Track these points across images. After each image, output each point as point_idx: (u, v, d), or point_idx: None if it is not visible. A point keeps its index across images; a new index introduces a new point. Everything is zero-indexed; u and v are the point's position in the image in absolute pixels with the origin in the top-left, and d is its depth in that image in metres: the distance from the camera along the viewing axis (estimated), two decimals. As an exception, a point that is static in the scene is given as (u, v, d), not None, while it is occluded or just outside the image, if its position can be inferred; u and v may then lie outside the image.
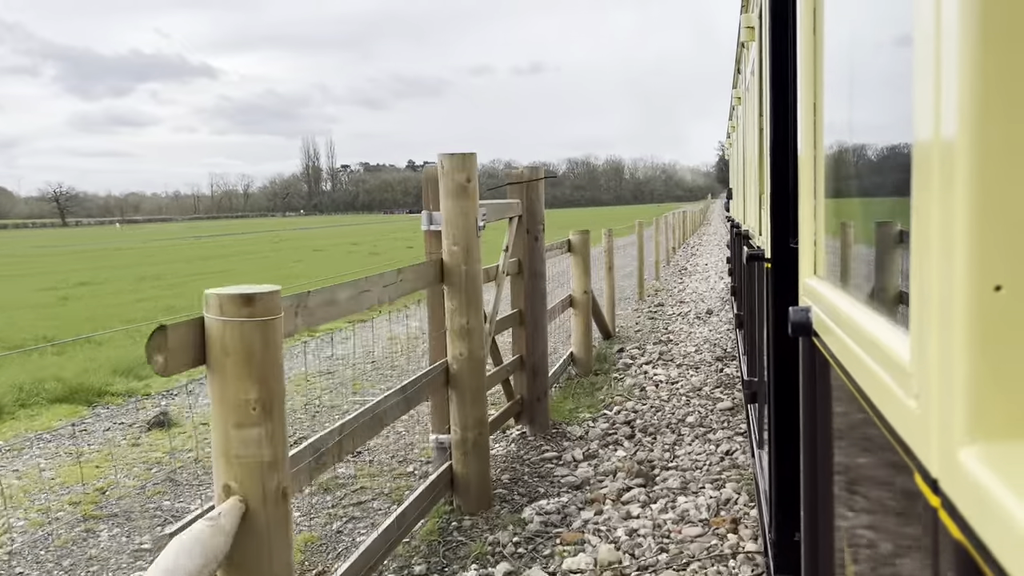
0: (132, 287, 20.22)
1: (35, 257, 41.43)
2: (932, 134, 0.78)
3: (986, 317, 0.68)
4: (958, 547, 0.70)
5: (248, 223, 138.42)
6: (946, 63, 0.73)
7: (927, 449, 0.81)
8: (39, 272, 28.17)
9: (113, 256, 38.26)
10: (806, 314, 1.67)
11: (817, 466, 1.71)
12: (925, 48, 0.80)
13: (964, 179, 0.69)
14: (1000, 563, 0.59)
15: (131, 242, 58.97)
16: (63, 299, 17.82)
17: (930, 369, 0.80)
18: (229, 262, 29.68)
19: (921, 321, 0.84)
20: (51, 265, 32.45)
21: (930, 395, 0.80)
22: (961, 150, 0.69)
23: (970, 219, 0.69)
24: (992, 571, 0.61)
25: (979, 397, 0.69)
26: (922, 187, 0.83)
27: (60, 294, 18.94)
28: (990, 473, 0.64)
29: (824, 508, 1.63)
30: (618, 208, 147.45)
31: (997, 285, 0.68)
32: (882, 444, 1.04)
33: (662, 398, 6.95)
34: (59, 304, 16.88)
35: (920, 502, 0.83)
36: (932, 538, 0.79)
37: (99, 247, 50.63)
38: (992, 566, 0.61)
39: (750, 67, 4.67)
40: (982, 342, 0.69)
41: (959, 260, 0.70)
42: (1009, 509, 0.58)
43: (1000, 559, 0.60)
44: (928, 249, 0.81)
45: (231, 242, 51.07)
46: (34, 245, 63.27)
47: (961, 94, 0.69)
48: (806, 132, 1.79)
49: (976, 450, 0.68)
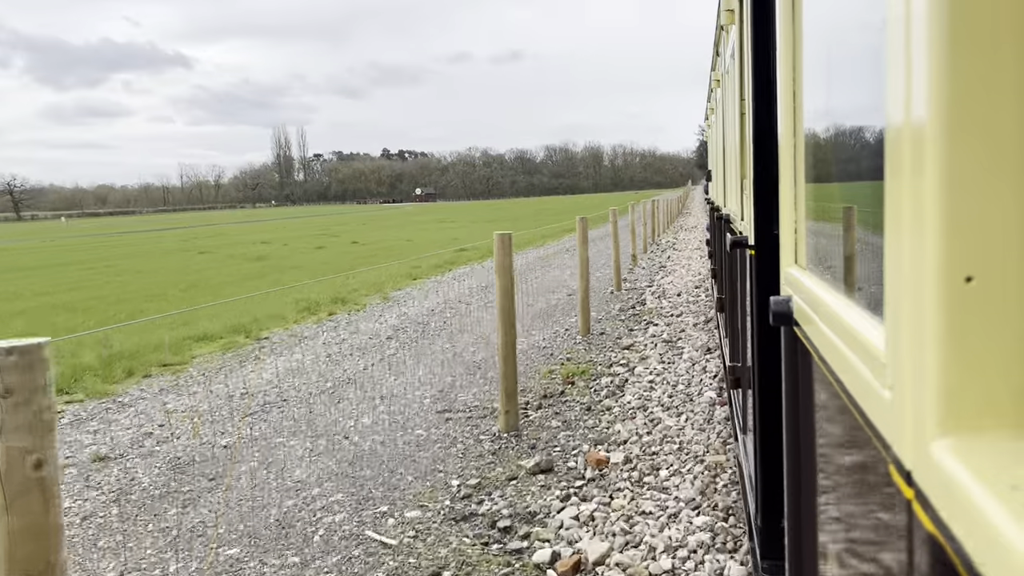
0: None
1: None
2: (903, 121, 0.77)
3: (957, 309, 0.68)
4: (931, 539, 0.69)
5: (208, 215, 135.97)
6: (916, 46, 0.72)
7: (901, 440, 0.81)
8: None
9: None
10: (787, 304, 1.67)
11: (800, 454, 1.72)
12: (896, 31, 0.78)
13: (934, 168, 0.68)
14: (969, 557, 0.59)
15: (42, 239, 56.19)
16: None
17: (903, 360, 0.79)
18: (69, 272, 24.59)
19: (894, 311, 0.83)
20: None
21: (904, 386, 0.80)
22: (931, 139, 0.68)
23: (941, 209, 0.68)
24: (962, 564, 0.61)
25: (950, 389, 0.68)
26: (894, 176, 0.82)
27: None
28: (960, 466, 0.64)
29: (807, 496, 1.63)
30: (593, 196, 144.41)
31: (968, 276, 0.67)
32: (859, 435, 1.04)
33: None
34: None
35: (895, 494, 0.83)
36: (907, 530, 0.79)
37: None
38: (962, 559, 0.61)
39: (729, 50, 4.65)
40: (953, 334, 0.68)
41: (930, 250, 0.69)
42: (978, 503, 0.58)
43: (970, 552, 0.60)
44: (900, 239, 0.80)
45: (141, 241, 47.60)
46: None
47: (931, 79, 0.68)
48: (785, 119, 1.78)
49: (947, 443, 0.68)
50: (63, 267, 27.76)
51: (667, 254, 20.86)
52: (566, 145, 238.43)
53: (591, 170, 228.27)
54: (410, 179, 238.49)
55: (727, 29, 4.66)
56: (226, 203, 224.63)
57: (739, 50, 3.69)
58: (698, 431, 5.61)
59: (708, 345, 8.58)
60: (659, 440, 5.47)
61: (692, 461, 5.00)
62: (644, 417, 6.06)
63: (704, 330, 9.55)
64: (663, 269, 16.96)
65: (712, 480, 4.66)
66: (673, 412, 6.11)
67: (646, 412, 6.17)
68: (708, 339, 8.91)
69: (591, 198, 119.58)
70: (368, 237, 37.33)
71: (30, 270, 27.06)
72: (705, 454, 5.10)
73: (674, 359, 8.06)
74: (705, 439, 5.42)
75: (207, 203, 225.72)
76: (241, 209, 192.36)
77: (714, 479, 4.67)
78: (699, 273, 15.47)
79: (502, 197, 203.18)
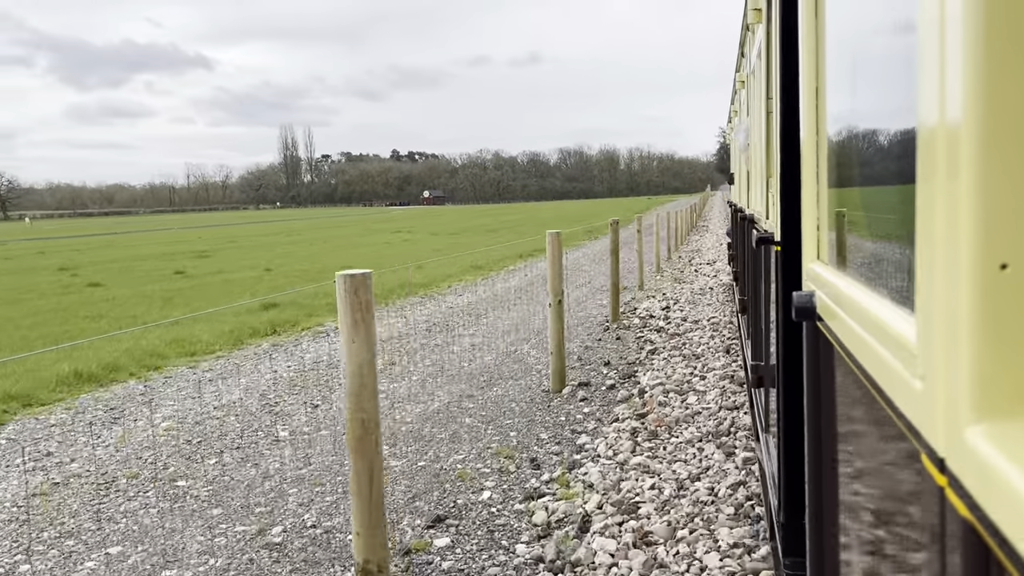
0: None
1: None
2: (937, 115, 0.78)
3: (992, 296, 0.68)
4: (966, 525, 0.70)
5: (207, 217, 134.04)
6: (951, 47, 0.73)
7: (933, 429, 0.82)
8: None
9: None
10: (810, 299, 1.68)
11: (822, 449, 1.72)
12: (929, 32, 0.80)
13: (969, 159, 0.69)
14: (1008, 540, 0.60)
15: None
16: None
17: (935, 349, 0.80)
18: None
19: (926, 301, 0.84)
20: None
21: (936, 375, 0.81)
22: (966, 131, 0.69)
23: (975, 197, 0.69)
24: (1000, 548, 0.61)
25: (985, 375, 0.69)
26: (927, 168, 0.83)
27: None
28: (996, 451, 0.64)
29: (829, 489, 1.63)
30: (601, 201, 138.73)
31: (1003, 263, 0.68)
32: (888, 425, 1.04)
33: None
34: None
35: (927, 481, 0.84)
36: (939, 517, 0.79)
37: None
38: (1000, 543, 0.61)
39: (756, 50, 4.64)
40: (988, 321, 0.69)
41: (964, 239, 0.70)
42: (1015, 486, 0.59)
43: (1008, 536, 0.60)
44: (933, 228, 0.81)
45: (63, 248, 42.23)
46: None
47: (966, 72, 0.69)
48: (808, 117, 1.79)
49: (982, 428, 0.68)
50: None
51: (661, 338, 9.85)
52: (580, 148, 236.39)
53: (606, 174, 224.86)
54: (418, 181, 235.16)
55: (753, 28, 4.65)
56: (229, 205, 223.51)
57: (766, 48, 3.69)
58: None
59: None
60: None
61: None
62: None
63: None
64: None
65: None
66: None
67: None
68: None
69: (598, 203, 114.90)
70: (234, 259, 28.61)
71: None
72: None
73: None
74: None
75: (211, 204, 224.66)
76: (244, 210, 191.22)
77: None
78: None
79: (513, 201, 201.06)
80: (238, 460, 5.77)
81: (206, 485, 5.30)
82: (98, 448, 6.23)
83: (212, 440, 6.31)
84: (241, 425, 6.69)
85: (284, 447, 6.03)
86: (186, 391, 8.11)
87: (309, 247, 34.94)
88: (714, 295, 13.35)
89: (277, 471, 5.48)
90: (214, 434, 6.46)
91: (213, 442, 6.25)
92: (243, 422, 6.77)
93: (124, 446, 6.25)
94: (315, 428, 6.52)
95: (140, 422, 6.94)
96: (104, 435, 6.63)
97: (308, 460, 5.69)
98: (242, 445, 6.13)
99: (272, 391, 7.88)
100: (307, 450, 5.91)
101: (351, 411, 3.49)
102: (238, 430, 6.54)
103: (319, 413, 6.99)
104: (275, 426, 6.65)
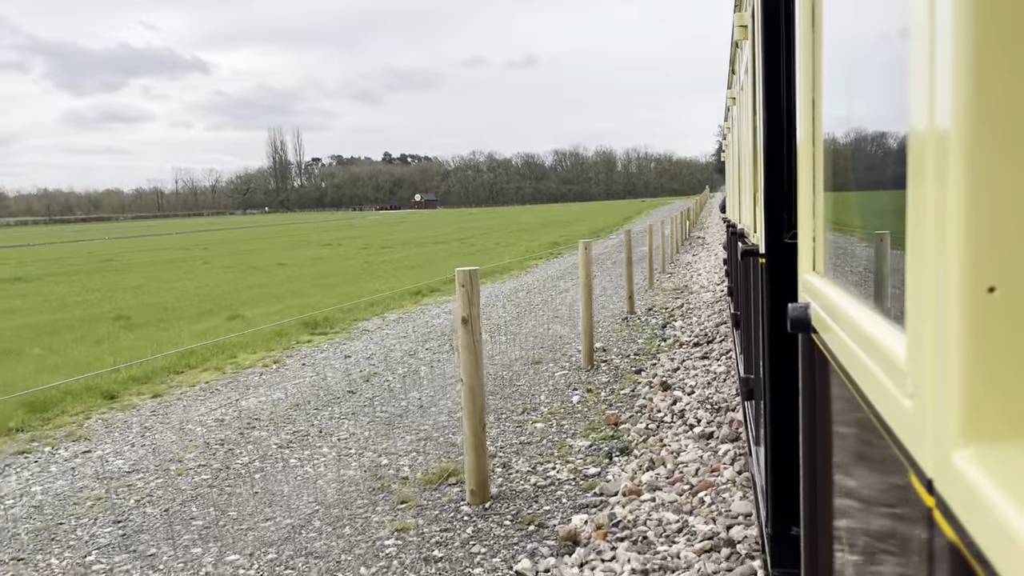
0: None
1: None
2: (926, 130, 0.77)
3: (980, 319, 0.68)
4: (952, 548, 0.70)
5: (187, 223, 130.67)
6: (940, 55, 0.72)
7: (922, 449, 0.81)
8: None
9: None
10: (805, 310, 1.67)
11: (816, 462, 1.71)
12: (920, 40, 0.79)
13: (958, 177, 0.68)
14: (992, 565, 0.60)
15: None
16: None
17: (925, 369, 0.80)
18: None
19: (916, 320, 0.84)
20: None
21: (925, 395, 0.80)
22: (955, 147, 0.68)
23: (964, 219, 0.68)
24: (985, 573, 0.61)
25: (973, 399, 0.69)
26: (917, 185, 0.82)
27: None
28: (983, 475, 0.64)
29: (823, 504, 1.63)
30: (591, 204, 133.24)
31: (991, 287, 0.67)
32: (879, 443, 1.04)
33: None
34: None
35: (915, 501, 0.83)
36: (927, 538, 0.79)
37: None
38: (985, 568, 0.61)
39: (743, 66, 4.66)
40: (976, 343, 0.68)
41: (953, 260, 0.70)
42: (1002, 511, 0.59)
43: (993, 561, 0.60)
44: (923, 248, 0.80)
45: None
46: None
47: (955, 88, 0.68)
48: (804, 127, 1.78)
49: (970, 452, 0.68)
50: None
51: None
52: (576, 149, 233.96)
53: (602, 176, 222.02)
54: (410, 184, 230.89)
55: (741, 45, 4.67)
56: (216, 210, 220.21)
57: (752, 64, 3.70)
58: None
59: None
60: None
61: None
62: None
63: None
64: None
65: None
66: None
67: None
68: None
69: (590, 207, 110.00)
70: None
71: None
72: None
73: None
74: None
75: (198, 209, 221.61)
76: (231, 216, 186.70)
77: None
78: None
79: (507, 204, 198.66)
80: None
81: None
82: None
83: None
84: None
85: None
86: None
87: (174, 268, 28.32)
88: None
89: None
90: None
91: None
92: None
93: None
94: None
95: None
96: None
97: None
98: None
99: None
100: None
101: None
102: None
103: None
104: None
